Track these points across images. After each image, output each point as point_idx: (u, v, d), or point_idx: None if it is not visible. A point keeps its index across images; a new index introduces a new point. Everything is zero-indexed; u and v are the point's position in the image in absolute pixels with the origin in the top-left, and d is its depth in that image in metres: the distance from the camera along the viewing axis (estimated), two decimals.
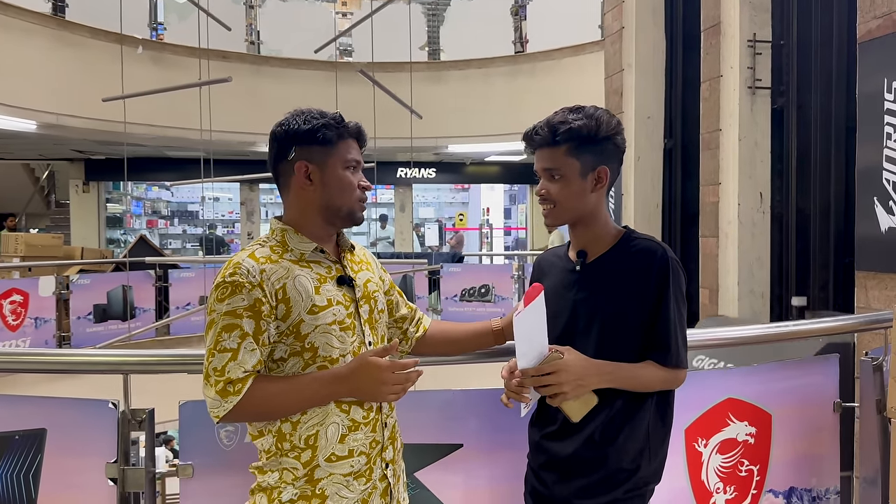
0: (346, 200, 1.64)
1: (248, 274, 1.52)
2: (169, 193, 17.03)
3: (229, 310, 1.51)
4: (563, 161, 1.66)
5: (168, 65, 10.14)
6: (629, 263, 1.67)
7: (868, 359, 2.26)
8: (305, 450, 1.56)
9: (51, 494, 1.94)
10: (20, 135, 10.22)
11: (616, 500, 1.63)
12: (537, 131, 1.67)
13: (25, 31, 8.97)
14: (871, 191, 3.37)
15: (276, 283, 1.54)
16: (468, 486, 2.04)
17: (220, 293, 1.53)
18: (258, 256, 1.56)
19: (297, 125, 1.62)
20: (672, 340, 1.64)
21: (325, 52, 9.00)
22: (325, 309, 1.57)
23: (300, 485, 1.55)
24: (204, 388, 1.54)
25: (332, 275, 1.63)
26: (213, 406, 1.52)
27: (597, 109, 1.68)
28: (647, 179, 6.37)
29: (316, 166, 1.61)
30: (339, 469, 1.57)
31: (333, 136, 1.62)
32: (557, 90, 10.32)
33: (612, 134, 1.67)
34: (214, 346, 1.52)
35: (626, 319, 1.65)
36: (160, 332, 8.24)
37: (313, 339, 1.56)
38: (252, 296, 1.51)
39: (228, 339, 1.51)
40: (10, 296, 7.24)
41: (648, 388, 1.65)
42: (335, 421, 1.57)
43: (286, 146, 1.63)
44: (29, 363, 2.29)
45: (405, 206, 15.13)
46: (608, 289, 1.68)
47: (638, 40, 6.36)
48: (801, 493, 2.30)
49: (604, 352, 1.64)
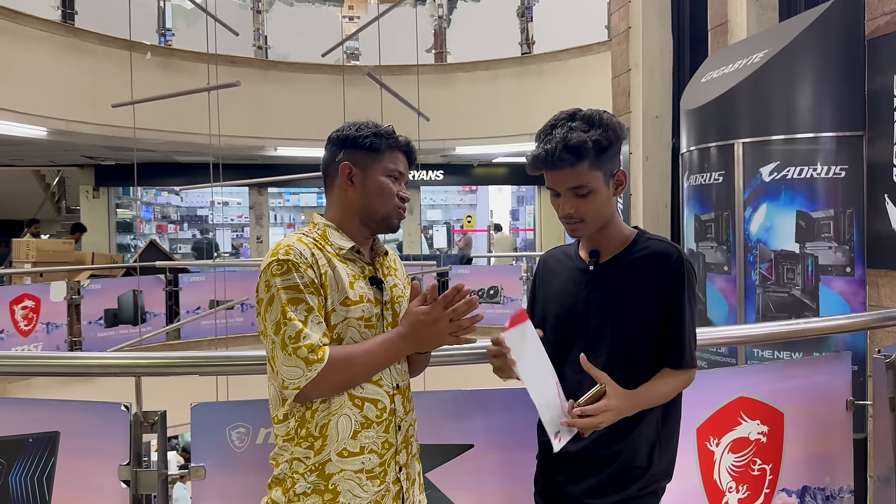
0: (384, 206, 1.70)
1: (301, 255, 1.57)
2: (178, 198, 17.09)
3: (291, 285, 1.55)
4: (589, 176, 1.63)
5: (176, 70, 10.19)
6: (643, 264, 1.67)
7: (881, 356, 2.25)
8: (318, 438, 1.58)
9: (64, 496, 1.95)
10: (31, 141, 10.28)
11: (629, 497, 1.63)
12: (559, 156, 1.60)
13: (35, 38, 9.03)
14: (882, 188, 3.35)
15: (321, 267, 1.59)
16: (479, 487, 2.04)
17: (275, 269, 1.55)
18: (306, 242, 1.62)
19: (349, 131, 1.71)
20: (686, 344, 1.65)
21: (332, 55, 8.99)
22: (356, 304, 1.62)
23: (312, 478, 1.57)
24: (281, 361, 1.53)
25: (365, 275, 1.68)
26: (295, 378, 1.52)
27: (600, 114, 1.65)
28: (655, 179, 6.35)
29: (359, 169, 1.69)
30: (351, 465, 1.58)
31: (381, 146, 1.70)
32: (565, 91, 10.31)
33: (623, 137, 1.67)
34: (283, 316, 1.53)
35: (639, 320, 1.65)
36: (170, 336, 8.28)
37: (340, 330, 1.60)
38: (308, 275, 1.56)
39: (296, 311, 1.54)
40: (22, 301, 7.30)
41: (669, 398, 1.67)
42: (347, 414, 1.58)
43: (337, 149, 1.72)
44: (43, 366, 2.31)
45: (413, 209, 15.13)
46: (622, 289, 1.68)
47: (645, 40, 6.35)
48: (815, 492, 2.29)
49: (616, 352, 1.64)
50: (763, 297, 3.64)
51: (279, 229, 15.85)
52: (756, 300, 3.66)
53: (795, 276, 3.53)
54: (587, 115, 1.65)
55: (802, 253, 3.52)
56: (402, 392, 1.70)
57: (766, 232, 3.63)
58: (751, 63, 3.74)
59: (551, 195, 1.71)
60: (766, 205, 3.63)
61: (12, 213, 15.47)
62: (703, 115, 4.01)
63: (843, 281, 3.45)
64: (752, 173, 3.67)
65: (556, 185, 1.67)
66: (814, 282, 3.50)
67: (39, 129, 9.44)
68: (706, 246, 3.98)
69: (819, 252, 3.49)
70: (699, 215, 4.05)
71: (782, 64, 3.59)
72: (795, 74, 3.59)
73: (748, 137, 3.70)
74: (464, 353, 2.01)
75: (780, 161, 3.58)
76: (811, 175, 3.51)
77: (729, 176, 3.78)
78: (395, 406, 1.66)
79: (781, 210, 3.58)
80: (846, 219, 3.47)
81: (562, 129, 1.63)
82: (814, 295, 3.49)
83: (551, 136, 1.63)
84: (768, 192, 3.62)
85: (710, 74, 4.17)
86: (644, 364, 1.66)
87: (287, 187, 15.86)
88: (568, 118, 1.66)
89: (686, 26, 6.12)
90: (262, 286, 1.57)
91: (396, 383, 1.68)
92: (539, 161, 1.65)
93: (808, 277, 3.51)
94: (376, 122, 1.74)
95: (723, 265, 3.85)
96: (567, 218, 1.68)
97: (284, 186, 15.58)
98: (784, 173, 3.56)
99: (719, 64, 4.16)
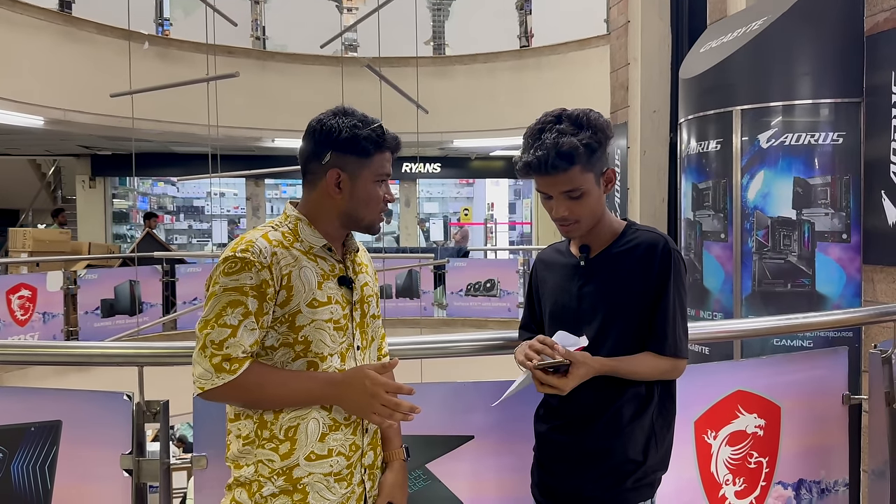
0: (369, 214, 1.64)
1: (260, 254, 1.51)
2: (174, 189, 17.05)
3: (236, 285, 1.49)
4: (581, 179, 1.63)
5: (174, 60, 10.16)
6: (632, 255, 1.68)
7: (877, 351, 2.27)
8: (284, 441, 1.54)
9: (66, 486, 1.96)
10: (27, 130, 10.25)
11: (625, 489, 1.65)
12: (552, 163, 1.59)
13: (32, 27, 8.99)
14: (879, 184, 3.36)
15: (283, 268, 1.53)
16: (478, 478, 2.05)
17: (227, 266, 1.50)
18: (271, 239, 1.56)
19: (337, 130, 1.59)
20: (669, 330, 1.65)
21: (330, 47, 8.98)
22: (324, 305, 1.57)
23: (279, 482, 1.54)
24: (196, 358, 1.50)
25: (335, 273, 1.63)
26: (202, 377, 1.49)
27: (587, 114, 1.64)
28: (652, 174, 6.36)
29: (348, 176, 1.60)
30: (319, 469, 1.56)
31: (371, 149, 1.60)
32: (563, 84, 10.32)
33: (611, 136, 1.68)
34: (215, 318, 1.49)
35: (629, 309, 1.66)
36: (167, 327, 8.29)
37: (307, 332, 1.55)
38: (260, 276, 1.50)
39: (230, 315, 1.48)
40: (19, 290, 7.28)
41: (647, 377, 1.67)
42: (315, 417, 1.56)
43: (322, 147, 1.60)
44: (46, 356, 2.31)
45: (410, 201, 15.13)
46: (612, 280, 1.69)
47: (644, 34, 6.34)
48: (810, 486, 2.31)
49: (608, 341, 1.65)
50: (759, 263, 3.65)
51: None
52: (752, 267, 3.68)
53: (792, 242, 3.55)
54: (574, 116, 1.64)
55: (799, 219, 3.55)
56: None
57: (764, 199, 3.65)
58: (750, 31, 3.75)
59: (542, 198, 1.70)
60: (763, 171, 3.64)
61: (7, 203, 15.43)
62: (701, 84, 4.03)
63: (839, 247, 3.48)
64: (751, 140, 3.69)
65: (549, 189, 1.66)
66: (810, 248, 3.52)
67: (36, 119, 9.41)
68: (703, 214, 4.00)
69: (816, 219, 3.52)
70: (696, 184, 4.06)
71: (781, 30, 3.60)
72: (794, 41, 3.61)
73: (747, 104, 3.72)
74: (468, 343, 2.03)
75: (778, 128, 3.60)
76: (809, 142, 3.53)
77: (727, 143, 3.80)
78: None
79: (779, 177, 3.59)
80: (843, 185, 3.49)
81: (551, 134, 1.62)
82: (810, 261, 3.52)
83: (541, 142, 1.62)
84: (766, 159, 3.64)
85: (709, 44, 4.18)
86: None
87: (284, 179, 15.84)
88: (555, 120, 1.64)
89: (685, 21, 6.11)
90: (212, 279, 1.53)
91: None
92: (531, 168, 1.63)
93: (804, 244, 3.53)
94: (363, 114, 1.63)
95: (719, 233, 3.87)
96: (562, 220, 1.69)
97: (281, 178, 15.56)
98: (782, 140, 3.57)
99: (718, 34, 4.17)
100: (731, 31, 3.97)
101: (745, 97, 3.74)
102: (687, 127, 4.17)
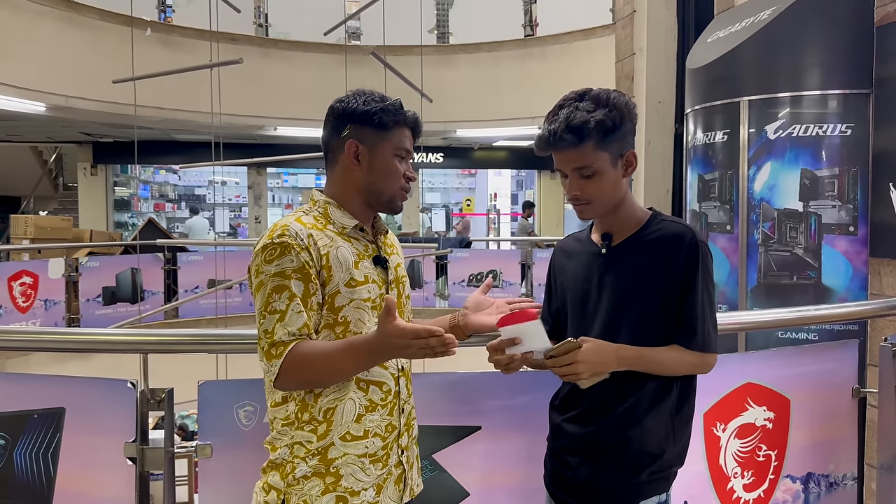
0: (389, 187, 1.66)
1: (297, 237, 1.52)
2: (176, 177, 17.03)
3: (278, 271, 1.50)
4: (594, 157, 1.61)
5: (177, 47, 10.11)
6: (657, 246, 1.65)
7: (888, 344, 2.24)
8: (322, 423, 1.55)
9: (70, 473, 1.95)
10: (29, 117, 10.21)
11: (641, 482, 1.63)
12: (560, 136, 1.59)
13: (34, 12, 8.94)
14: (887, 176, 3.34)
15: (321, 248, 1.55)
16: (487, 469, 2.04)
17: (267, 254, 1.51)
18: (305, 222, 1.57)
19: (355, 104, 1.63)
20: (699, 324, 1.62)
21: (333, 35, 8.93)
22: (362, 284, 1.58)
23: (313, 462, 1.54)
24: (259, 353, 1.53)
25: (369, 254, 1.64)
26: (265, 372, 1.51)
27: (608, 94, 1.63)
28: (657, 164, 6.33)
29: (366, 148, 1.63)
30: (354, 450, 1.56)
31: (389, 122, 1.63)
32: (567, 74, 10.25)
33: (632, 117, 1.65)
34: (265, 307, 1.50)
35: (652, 301, 1.63)
36: (168, 314, 8.28)
37: (347, 313, 1.56)
38: (301, 258, 1.51)
39: (278, 301, 1.49)
40: (20, 277, 7.28)
41: (674, 372, 1.64)
42: (352, 398, 1.56)
43: (341, 123, 1.64)
44: (50, 342, 2.30)
45: (412, 191, 15.10)
46: (635, 271, 1.65)
47: (649, 24, 6.30)
48: (819, 479, 2.29)
49: (631, 333, 1.62)
50: (765, 255, 3.63)
51: (277, 210, 15.81)
52: (758, 259, 3.66)
53: (798, 234, 3.53)
54: (596, 94, 1.63)
55: (806, 211, 3.52)
56: (406, 374, 1.69)
57: (770, 190, 3.62)
58: (758, 20, 3.72)
59: (560, 176, 1.70)
60: (770, 163, 3.62)
61: (9, 190, 15.41)
62: (708, 74, 3.99)
63: (845, 240, 3.46)
64: (758, 131, 3.66)
65: (562, 165, 1.66)
66: (816, 240, 3.50)
67: (38, 105, 9.38)
68: (709, 205, 3.97)
69: (823, 211, 3.49)
70: (702, 175, 4.03)
71: (790, 20, 3.57)
72: (803, 31, 3.57)
73: (754, 95, 3.69)
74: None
75: (785, 119, 3.57)
76: (817, 133, 3.50)
77: (734, 134, 3.77)
78: (399, 388, 1.65)
79: (786, 168, 3.57)
80: (850, 177, 3.46)
81: (567, 109, 1.61)
82: (816, 254, 3.50)
83: (557, 117, 1.62)
84: (773, 151, 3.61)
85: (717, 34, 4.14)
86: (659, 346, 1.64)
87: (286, 167, 15.81)
88: (577, 98, 1.64)
89: (691, 10, 6.07)
90: (254, 270, 1.54)
91: (401, 365, 1.67)
92: (542, 141, 1.64)
93: (811, 236, 3.51)
94: (382, 93, 1.67)
95: (725, 224, 3.84)
96: (573, 199, 1.67)
97: (283, 166, 15.53)
98: (790, 131, 3.54)
99: (726, 24, 4.14)
100: (740, 21, 3.94)
101: (752, 88, 3.70)
102: (693, 117, 4.14)
